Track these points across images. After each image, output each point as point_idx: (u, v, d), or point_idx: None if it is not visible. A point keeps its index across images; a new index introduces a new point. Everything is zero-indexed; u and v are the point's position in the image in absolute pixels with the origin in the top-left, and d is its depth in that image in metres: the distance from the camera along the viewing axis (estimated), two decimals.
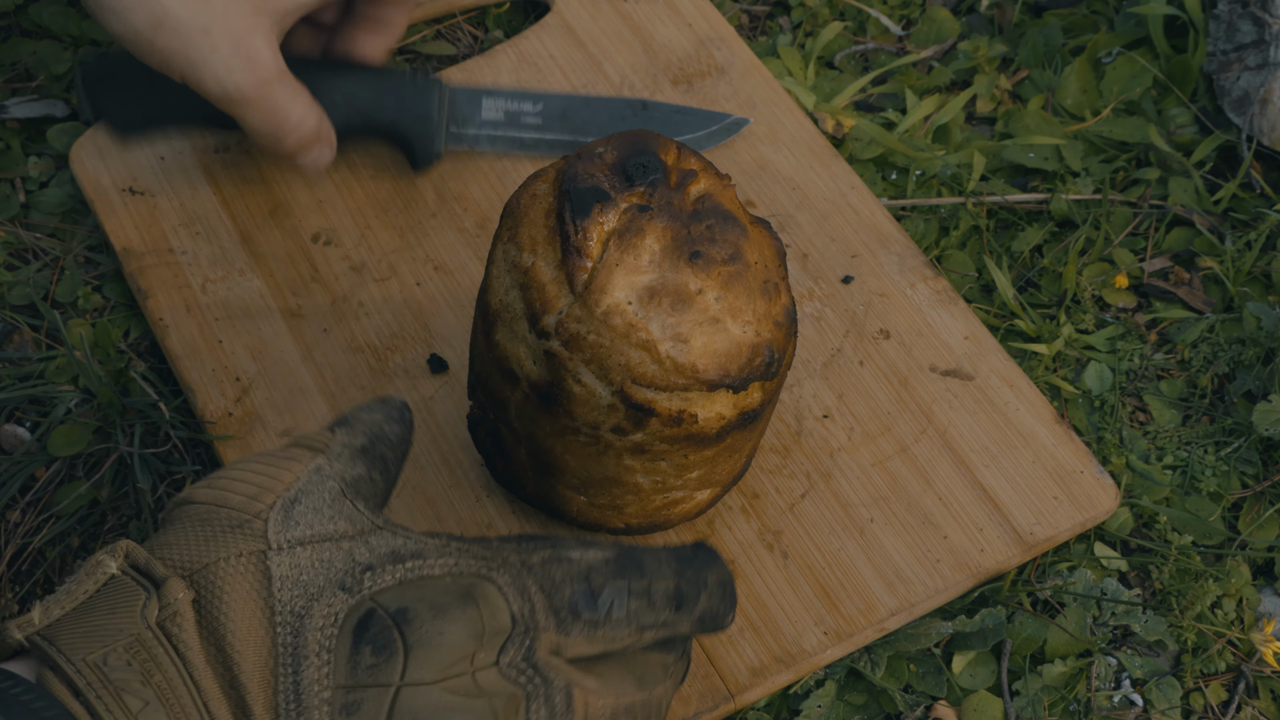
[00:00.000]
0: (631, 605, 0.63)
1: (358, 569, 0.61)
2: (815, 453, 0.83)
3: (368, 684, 0.58)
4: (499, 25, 1.05)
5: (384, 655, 0.59)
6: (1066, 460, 0.82)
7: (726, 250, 0.70)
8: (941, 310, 0.88)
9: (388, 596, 0.60)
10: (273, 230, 0.92)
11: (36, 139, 1.00)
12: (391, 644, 0.59)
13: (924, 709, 0.78)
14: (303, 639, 0.59)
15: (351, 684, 0.58)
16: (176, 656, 0.58)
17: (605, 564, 0.63)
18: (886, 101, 1.01)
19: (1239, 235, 0.93)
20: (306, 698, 0.58)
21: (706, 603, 0.65)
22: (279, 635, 0.59)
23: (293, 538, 0.61)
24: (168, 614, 0.59)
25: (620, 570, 0.63)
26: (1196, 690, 0.79)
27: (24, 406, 0.88)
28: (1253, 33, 0.97)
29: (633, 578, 0.63)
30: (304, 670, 0.58)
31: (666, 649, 0.66)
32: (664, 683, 0.66)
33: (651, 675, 0.65)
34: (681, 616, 0.65)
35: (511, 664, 0.60)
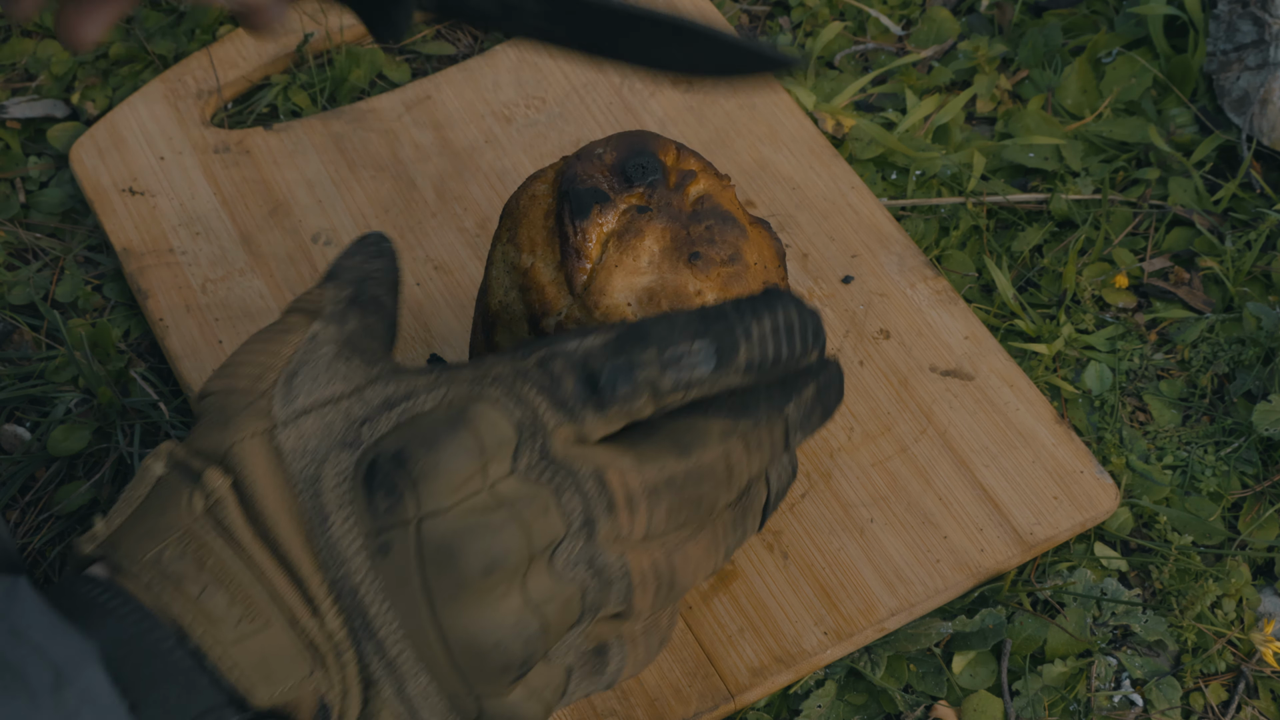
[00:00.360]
0: (640, 376, 0.63)
1: (355, 424, 0.63)
2: (815, 453, 0.83)
3: (390, 525, 0.61)
4: None
5: (394, 496, 0.61)
6: (1066, 460, 0.82)
7: (726, 251, 0.70)
8: (941, 310, 0.88)
9: (387, 442, 0.62)
10: (273, 230, 0.92)
11: (36, 139, 1.00)
12: (397, 485, 0.61)
13: (924, 709, 0.78)
14: (321, 500, 0.61)
15: (376, 529, 0.61)
16: (226, 540, 0.61)
17: (603, 347, 0.63)
18: (886, 101, 1.01)
19: (1239, 235, 0.93)
20: (340, 551, 0.61)
21: (756, 352, 0.64)
22: (303, 502, 0.61)
23: (295, 410, 0.63)
24: (212, 502, 0.61)
25: (620, 347, 0.63)
26: (1196, 690, 0.79)
27: (24, 406, 0.88)
28: (1253, 33, 0.97)
29: (634, 351, 0.63)
30: (331, 528, 0.61)
31: (740, 410, 0.65)
32: (720, 446, 0.65)
33: (698, 441, 0.64)
34: (720, 374, 0.64)
35: (530, 467, 0.62)
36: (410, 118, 0.97)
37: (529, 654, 0.63)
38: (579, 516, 0.62)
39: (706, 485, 0.64)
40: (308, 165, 0.95)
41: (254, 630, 0.59)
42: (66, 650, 0.54)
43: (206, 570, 0.60)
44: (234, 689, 0.58)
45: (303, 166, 0.95)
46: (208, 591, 0.60)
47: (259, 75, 1.01)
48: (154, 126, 0.96)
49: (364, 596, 0.61)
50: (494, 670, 0.62)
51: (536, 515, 0.62)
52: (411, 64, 1.03)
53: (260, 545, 0.61)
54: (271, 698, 0.59)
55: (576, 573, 0.62)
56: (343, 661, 0.61)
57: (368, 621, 0.61)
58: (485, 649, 0.62)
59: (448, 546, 0.61)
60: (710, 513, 0.65)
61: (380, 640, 0.61)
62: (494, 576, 0.61)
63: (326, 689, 0.61)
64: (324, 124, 0.97)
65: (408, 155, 0.95)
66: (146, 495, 0.63)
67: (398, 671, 0.61)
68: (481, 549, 0.61)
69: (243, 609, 0.60)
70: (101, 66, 1.03)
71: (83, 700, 0.53)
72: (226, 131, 0.96)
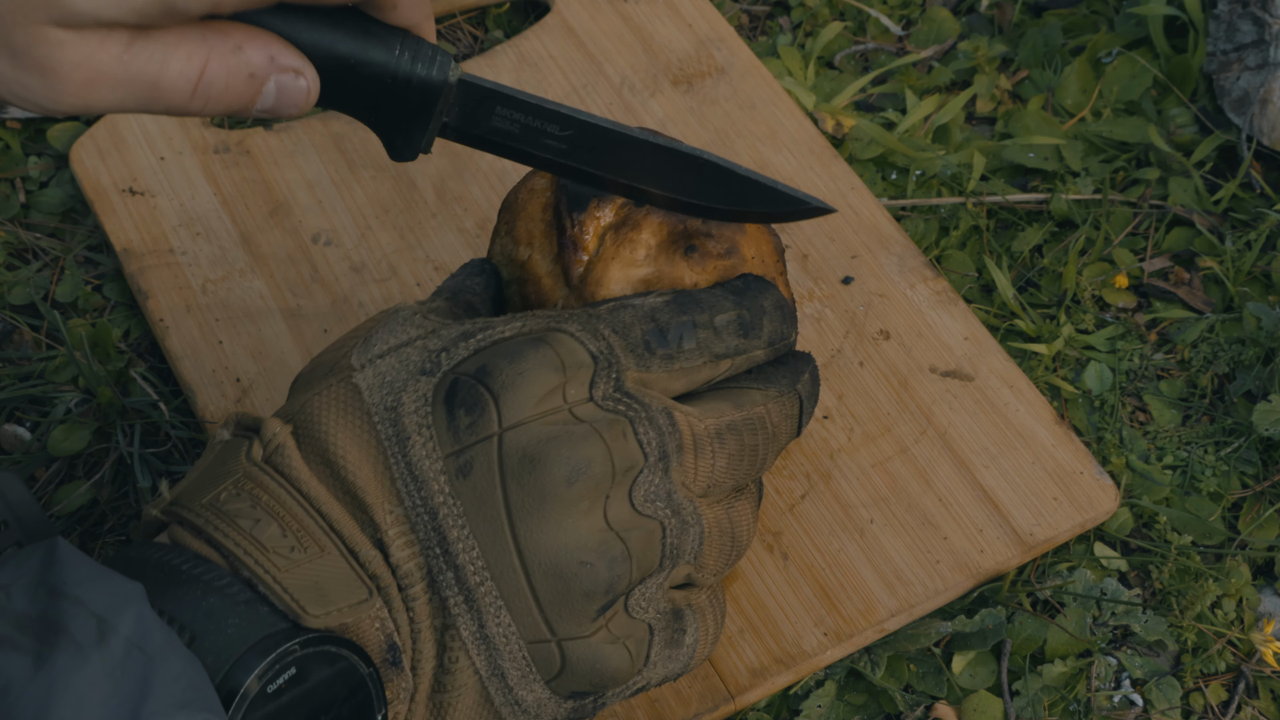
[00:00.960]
0: (700, 335, 0.65)
1: (433, 354, 0.64)
2: (815, 453, 0.83)
3: (471, 442, 0.61)
4: (499, 25, 1.05)
5: (476, 411, 0.61)
6: (1066, 461, 0.82)
7: (722, 245, 0.71)
8: (941, 311, 0.88)
9: (467, 364, 0.63)
10: (273, 230, 0.92)
11: (36, 139, 1.00)
12: (480, 399, 0.62)
13: (924, 709, 0.78)
14: (400, 425, 0.62)
15: (457, 448, 0.61)
16: (281, 478, 0.61)
17: (666, 305, 0.66)
18: (886, 101, 1.01)
19: (1239, 235, 0.93)
20: (420, 473, 0.61)
21: (770, 326, 0.68)
22: (380, 431, 0.62)
23: (371, 355, 0.64)
24: (270, 449, 0.62)
25: (681, 308, 0.66)
26: (1196, 690, 0.79)
27: (24, 406, 0.88)
28: (1253, 33, 0.97)
29: (694, 312, 0.66)
30: (411, 451, 0.61)
31: (765, 383, 0.68)
32: (764, 405, 0.67)
33: (744, 398, 0.67)
34: (751, 342, 0.67)
35: (605, 396, 0.63)
36: None
37: (613, 579, 0.62)
38: (655, 449, 0.63)
39: (760, 436, 0.67)
40: (308, 165, 0.95)
41: (307, 558, 0.59)
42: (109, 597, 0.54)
43: (260, 507, 0.60)
44: (287, 611, 0.58)
45: (303, 166, 0.95)
46: (260, 525, 0.60)
47: None
48: (154, 126, 0.96)
49: (444, 520, 0.61)
50: (578, 597, 0.62)
51: (616, 438, 0.62)
52: None
53: (318, 482, 0.61)
54: (325, 618, 0.58)
55: (656, 508, 0.63)
56: (410, 596, 0.60)
57: (447, 547, 0.60)
58: (569, 570, 0.61)
59: (530, 454, 0.61)
60: (759, 468, 0.67)
61: (460, 567, 0.60)
62: (577, 487, 0.61)
63: (393, 628, 0.60)
64: (324, 124, 0.97)
65: None
66: (211, 459, 0.64)
67: (477, 605, 0.61)
68: (566, 455, 0.61)
69: (295, 539, 0.60)
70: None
71: (131, 645, 0.53)
72: (226, 131, 0.96)
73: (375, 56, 0.62)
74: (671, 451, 0.63)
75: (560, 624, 0.62)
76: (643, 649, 0.65)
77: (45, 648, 0.52)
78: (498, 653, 0.61)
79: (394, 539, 0.61)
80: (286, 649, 0.56)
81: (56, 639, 0.52)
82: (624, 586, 0.63)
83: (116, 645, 0.53)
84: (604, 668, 0.63)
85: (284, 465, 0.62)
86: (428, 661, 0.61)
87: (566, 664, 0.63)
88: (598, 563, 0.62)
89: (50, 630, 0.53)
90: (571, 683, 0.63)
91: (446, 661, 0.61)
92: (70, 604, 0.53)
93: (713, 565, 0.66)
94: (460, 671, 0.61)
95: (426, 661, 0.61)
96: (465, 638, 0.61)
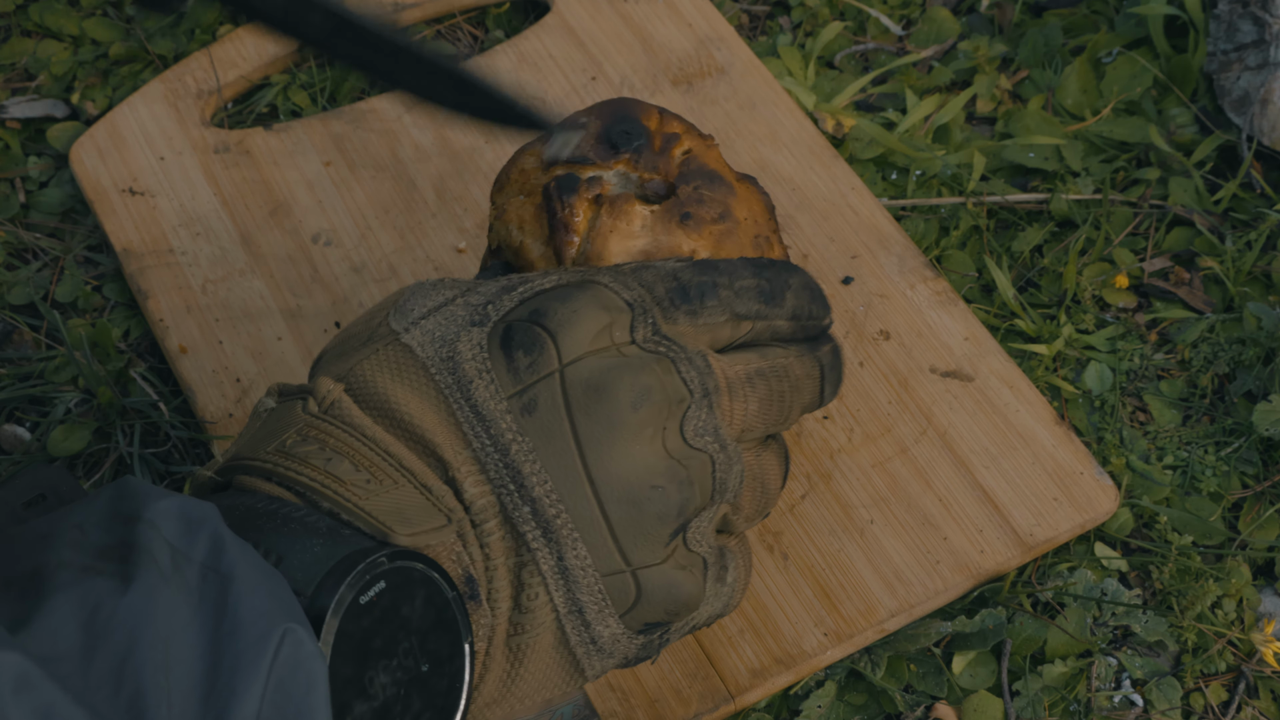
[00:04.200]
0: (721, 294, 0.67)
1: (479, 307, 0.65)
2: (815, 454, 0.83)
3: (533, 380, 0.63)
4: (499, 25, 1.05)
5: (536, 350, 0.63)
6: (1066, 462, 0.82)
7: (715, 209, 0.72)
8: (941, 311, 0.88)
9: (516, 313, 0.65)
10: (273, 230, 0.92)
11: (36, 139, 1.00)
12: (538, 338, 0.63)
13: (924, 709, 0.78)
14: (460, 372, 0.63)
15: (520, 388, 0.63)
16: (345, 429, 0.62)
17: (687, 267, 0.68)
18: (886, 101, 1.01)
19: (1239, 235, 0.93)
20: (487, 413, 0.62)
21: (795, 300, 0.69)
22: (439, 381, 0.63)
23: (413, 318, 0.65)
24: (326, 404, 0.63)
25: (702, 270, 0.67)
26: (1197, 690, 0.79)
27: (24, 406, 0.88)
28: (1253, 33, 0.97)
29: (714, 274, 0.67)
30: (475, 394, 0.62)
31: (786, 345, 0.70)
32: (785, 357, 0.69)
33: (771, 352, 0.68)
34: (773, 310, 0.68)
35: (646, 339, 0.65)
36: (410, 118, 0.97)
37: (683, 502, 0.64)
38: (699, 386, 0.65)
39: (786, 383, 0.68)
40: (308, 165, 0.95)
41: (383, 489, 0.60)
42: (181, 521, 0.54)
43: (328, 449, 0.61)
44: (374, 532, 0.59)
45: (303, 166, 0.95)
46: (332, 462, 0.61)
47: (259, 75, 1.01)
48: (154, 126, 0.96)
49: (516, 456, 0.62)
50: (651, 520, 0.63)
51: (665, 372, 0.64)
52: None
53: (382, 429, 0.62)
54: (411, 539, 0.59)
55: (705, 441, 0.64)
56: (485, 532, 0.61)
57: (522, 481, 0.61)
58: (641, 494, 0.63)
59: (594, 384, 0.63)
60: (786, 418, 0.69)
61: (536, 500, 0.61)
62: (643, 412, 0.63)
63: (469, 562, 0.61)
64: (324, 124, 0.97)
65: (408, 155, 0.95)
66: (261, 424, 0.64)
67: (556, 537, 0.62)
68: (629, 382, 0.63)
69: (369, 474, 0.61)
70: (101, 66, 1.03)
71: (206, 569, 0.53)
72: (226, 131, 0.96)
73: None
74: (711, 390, 0.65)
75: (634, 552, 0.63)
76: (700, 583, 0.66)
77: (130, 568, 0.52)
78: (576, 585, 0.62)
79: (465, 477, 0.61)
80: (375, 559, 0.57)
81: (139, 560, 0.53)
82: (692, 510, 0.65)
83: (191, 573, 0.53)
84: (678, 593, 0.65)
85: (344, 415, 0.63)
86: (504, 601, 0.62)
87: (642, 593, 0.64)
88: (668, 485, 0.64)
89: (132, 552, 0.53)
90: (645, 613, 0.65)
91: (524, 600, 0.62)
92: (146, 527, 0.54)
93: (746, 510, 0.68)
94: (538, 609, 0.62)
95: (503, 601, 0.62)
96: (544, 572, 0.62)
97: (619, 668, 0.67)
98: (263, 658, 0.52)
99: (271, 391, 0.66)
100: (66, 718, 0.47)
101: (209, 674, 0.51)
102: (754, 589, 0.79)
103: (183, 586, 0.53)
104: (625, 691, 0.75)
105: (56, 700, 0.47)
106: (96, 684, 0.50)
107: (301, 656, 0.53)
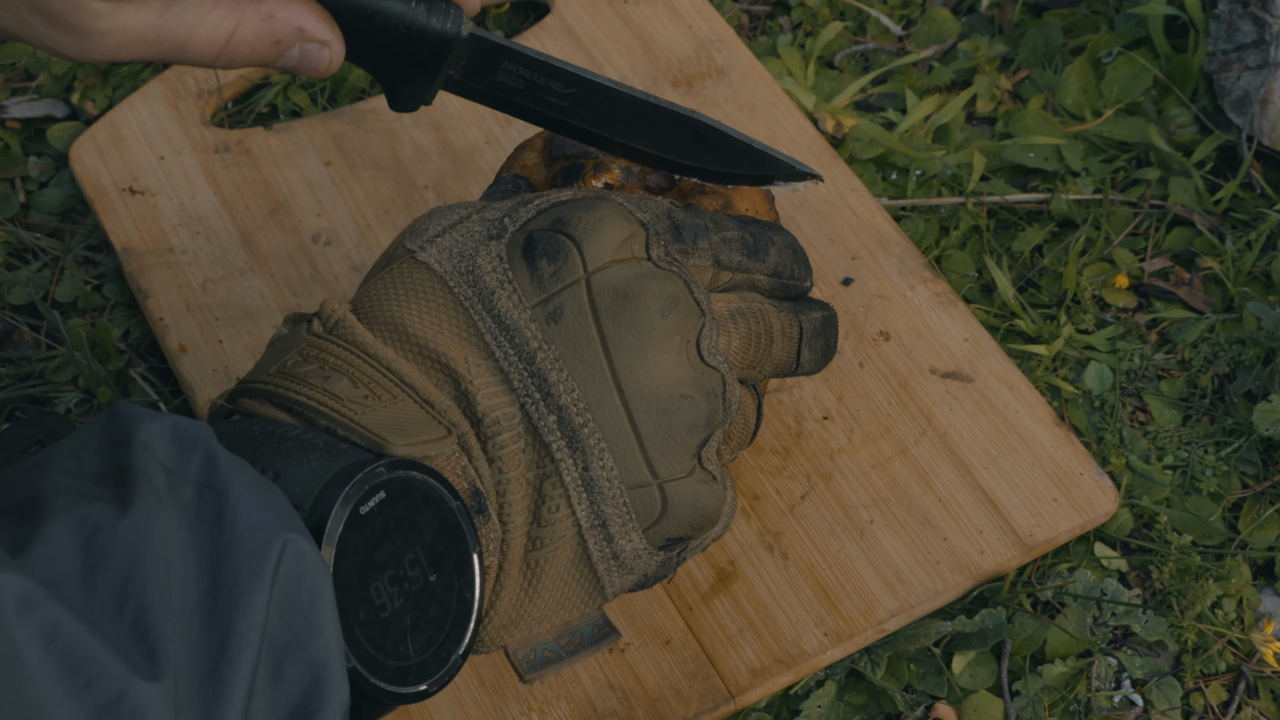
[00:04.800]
0: (711, 239, 0.67)
1: (494, 222, 0.64)
2: (815, 454, 0.83)
3: (558, 288, 0.62)
4: (499, 26, 1.05)
5: (560, 258, 0.62)
6: (1066, 462, 0.82)
7: (716, 201, 0.73)
8: (941, 312, 0.88)
9: (536, 222, 0.64)
10: (273, 230, 0.92)
11: (36, 139, 1.00)
12: (562, 246, 0.63)
13: (924, 709, 0.78)
14: (481, 283, 0.62)
15: (544, 297, 0.62)
16: (347, 346, 0.62)
17: (679, 208, 0.68)
18: (886, 101, 1.01)
19: (1239, 235, 0.93)
20: (510, 322, 0.62)
21: (777, 257, 0.69)
22: (458, 293, 0.62)
23: (428, 237, 0.65)
24: (330, 323, 0.62)
25: (693, 213, 0.68)
26: (1197, 690, 0.79)
27: (24, 406, 0.88)
28: (1253, 33, 0.97)
29: (705, 218, 0.68)
30: (497, 304, 0.62)
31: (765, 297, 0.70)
32: (763, 305, 0.69)
33: (750, 296, 0.69)
34: (755, 264, 0.68)
35: (660, 257, 0.64)
36: (410, 118, 0.97)
37: (711, 412, 0.64)
38: (708, 308, 0.65)
39: (763, 328, 0.68)
40: (308, 165, 0.95)
41: (380, 404, 0.60)
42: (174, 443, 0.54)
43: (327, 367, 0.61)
44: (370, 444, 0.58)
45: (303, 166, 0.95)
46: (330, 380, 0.60)
47: (259, 75, 1.01)
48: (154, 126, 0.96)
49: (541, 364, 0.61)
50: (680, 430, 0.63)
51: (682, 289, 0.64)
52: None
53: (384, 345, 0.61)
54: (408, 449, 0.59)
55: (718, 360, 0.65)
56: (497, 444, 0.61)
57: (548, 390, 0.61)
58: (671, 403, 0.63)
59: (623, 291, 0.62)
60: (761, 363, 0.69)
61: (563, 408, 0.61)
62: (672, 319, 0.63)
63: (475, 476, 0.60)
64: (324, 124, 0.97)
65: (408, 155, 0.95)
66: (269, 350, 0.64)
67: (582, 446, 0.61)
68: (657, 290, 0.63)
69: (367, 389, 0.60)
70: (101, 66, 1.03)
71: (201, 487, 0.53)
72: (226, 131, 0.96)
73: (392, 7, 0.64)
74: (712, 316, 0.65)
75: (662, 463, 0.63)
76: (721, 499, 0.67)
77: (126, 492, 0.52)
78: (601, 497, 0.62)
79: (480, 388, 0.61)
80: (373, 469, 0.56)
81: (135, 482, 0.52)
82: (718, 421, 0.65)
83: (187, 492, 0.53)
84: (704, 506, 0.65)
85: (347, 334, 0.62)
86: (519, 515, 0.61)
87: (668, 506, 0.64)
88: (697, 395, 0.64)
89: (127, 475, 0.53)
90: (670, 528, 0.64)
91: (545, 513, 0.61)
92: (139, 449, 0.53)
93: (734, 440, 0.68)
94: (559, 522, 0.62)
95: (518, 515, 0.61)
96: (568, 484, 0.61)
97: (635, 589, 0.66)
98: (264, 569, 0.51)
99: (286, 320, 0.66)
100: (72, 634, 0.47)
101: (212, 589, 0.51)
102: (754, 589, 0.79)
103: (180, 506, 0.52)
104: (625, 691, 0.76)
105: (61, 618, 0.47)
106: (100, 605, 0.49)
107: (304, 566, 0.52)
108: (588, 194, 0.66)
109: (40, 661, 0.46)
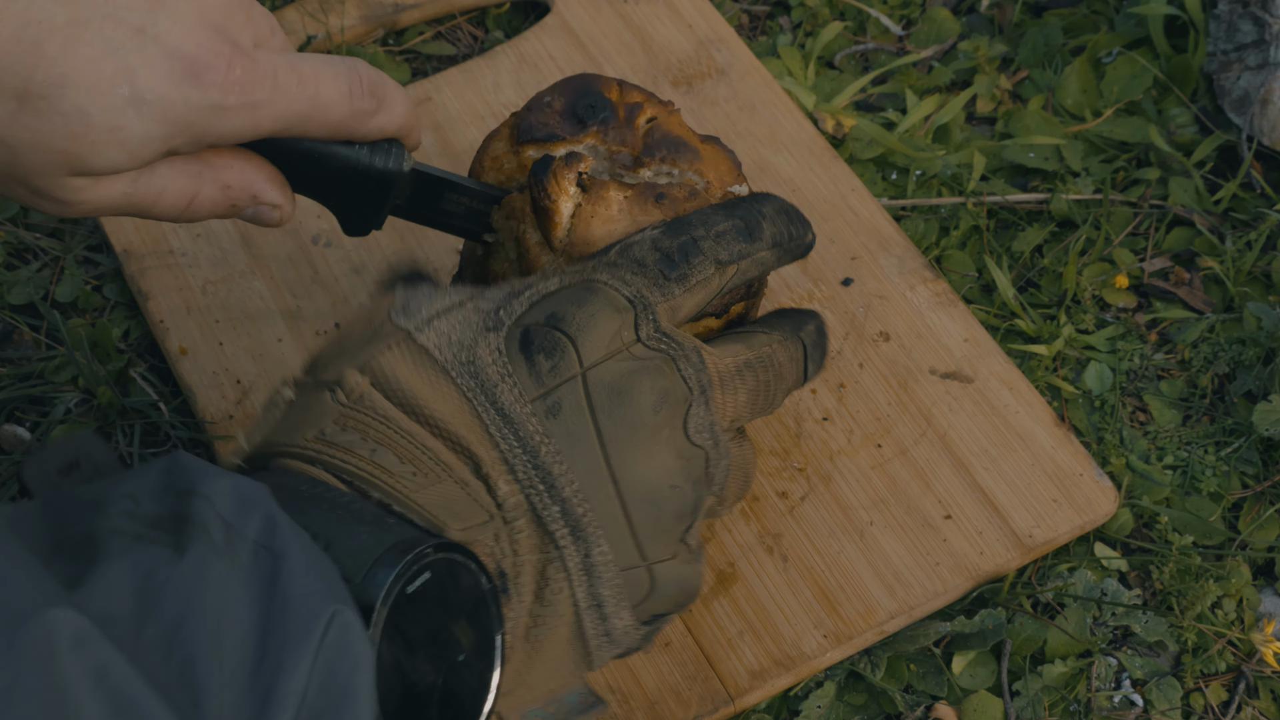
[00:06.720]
0: (704, 246, 0.69)
1: (490, 313, 0.66)
2: (815, 455, 0.83)
3: (556, 384, 0.64)
4: (499, 26, 1.05)
5: (556, 354, 0.64)
6: (1066, 463, 0.82)
7: (685, 189, 0.73)
8: (941, 313, 0.88)
9: (530, 316, 0.66)
10: (273, 232, 0.92)
11: None
12: (558, 342, 0.64)
13: (924, 709, 0.78)
14: (483, 376, 0.64)
15: (543, 391, 0.64)
16: (380, 421, 0.63)
17: (663, 233, 0.69)
18: (886, 101, 1.01)
19: (1239, 235, 0.93)
20: (513, 415, 0.63)
21: (773, 227, 0.71)
22: (461, 384, 0.63)
23: (424, 318, 0.66)
24: (354, 397, 0.63)
25: (676, 230, 0.69)
26: (1197, 690, 0.79)
27: (24, 406, 0.88)
28: (1253, 33, 0.97)
29: (691, 230, 0.69)
30: (500, 397, 0.63)
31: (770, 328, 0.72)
32: (769, 345, 0.71)
33: (753, 339, 0.71)
34: (755, 245, 0.70)
35: (649, 336, 0.66)
36: None
37: (696, 501, 0.66)
38: (696, 384, 0.67)
39: (771, 373, 0.70)
40: None
41: (430, 483, 0.61)
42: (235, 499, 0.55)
43: (370, 439, 0.62)
44: (428, 525, 0.60)
45: None
46: (377, 453, 0.62)
47: None
48: None
49: (545, 457, 0.63)
50: (670, 519, 0.65)
51: (671, 372, 0.66)
52: (412, 65, 1.03)
53: (416, 424, 0.63)
54: (463, 533, 0.61)
55: (703, 438, 0.67)
56: (515, 529, 0.62)
57: (552, 482, 0.63)
58: (661, 494, 0.65)
59: (618, 388, 0.64)
60: (770, 405, 0.71)
61: (566, 500, 0.63)
62: (662, 414, 0.65)
63: (500, 556, 0.62)
64: None
65: None
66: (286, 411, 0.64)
67: (584, 535, 0.63)
68: (649, 386, 0.65)
69: (414, 468, 0.61)
70: None
71: (258, 546, 0.54)
72: None
73: (339, 151, 0.69)
74: (706, 386, 0.67)
75: (651, 547, 0.65)
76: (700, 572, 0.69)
77: (183, 539, 0.53)
78: (599, 580, 0.64)
79: (496, 477, 0.62)
80: (422, 550, 0.57)
81: (192, 531, 0.53)
82: (703, 507, 0.67)
83: (244, 549, 0.54)
84: (687, 585, 0.67)
85: (378, 409, 0.63)
86: (526, 595, 0.63)
87: (655, 586, 0.66)
88: (684, 485, 0.66)
89: (185, 524, 0.54)
90: (655, 605, 0.67)
91: (547, 595, 0.63)
92: (200, 500, 0.54)
93: (730, 497, 0.71)
94: (560, 603, 0.63)
95: (526, 595, 0.63)
96: (571, 568, 0.63)
97: (615, 658, 0.68)
98: (311, 636, 0.52)
99: (287, 382, 0.66)
100: (121, 677, 0.47)
101: (259, 648, 0.52)
102: (754, 591, 0.79)
103: (235, 561, 0.53)
104: (625, 694, 0.76)
105: (112, 660, 0.47)
106: (148, 649, 0.50)
107: (349, 639, 0.53)
108: (574, 279, 0.67)
109: (88, 699, 0.46)
